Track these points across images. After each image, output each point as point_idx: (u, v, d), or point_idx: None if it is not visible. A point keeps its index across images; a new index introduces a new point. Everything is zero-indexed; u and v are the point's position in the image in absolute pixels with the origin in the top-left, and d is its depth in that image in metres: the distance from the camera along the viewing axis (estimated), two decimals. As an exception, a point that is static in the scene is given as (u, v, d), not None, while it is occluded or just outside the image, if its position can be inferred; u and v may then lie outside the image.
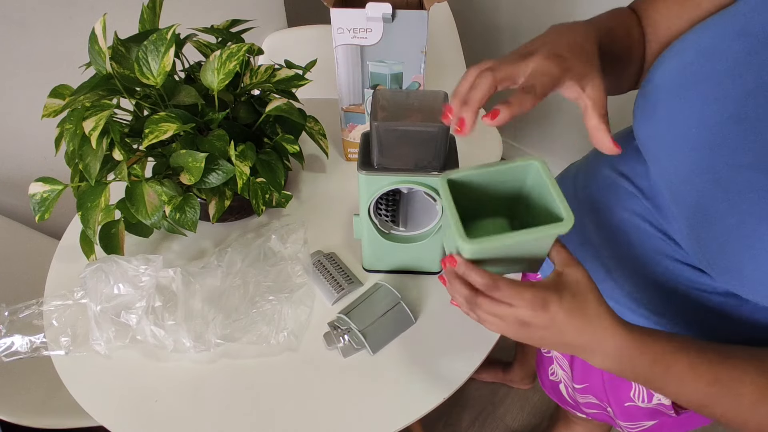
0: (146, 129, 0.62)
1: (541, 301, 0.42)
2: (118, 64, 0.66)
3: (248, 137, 0.75)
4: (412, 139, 0.58)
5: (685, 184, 0.45)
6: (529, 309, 0.42)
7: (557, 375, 0.81)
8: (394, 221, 0.72)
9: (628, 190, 0.56)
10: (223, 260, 0.72)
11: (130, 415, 0.61)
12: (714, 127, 0.42)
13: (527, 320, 0.43)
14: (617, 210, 0.57)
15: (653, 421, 0.69)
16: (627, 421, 0.72)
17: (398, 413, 0.61)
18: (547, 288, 0.43)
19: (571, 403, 0.82)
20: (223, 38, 0.79)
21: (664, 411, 0.65)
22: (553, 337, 0.44)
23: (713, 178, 0.42)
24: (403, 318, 0.68)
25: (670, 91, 0.46)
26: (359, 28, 0.75)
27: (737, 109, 0.41)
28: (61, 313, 0.68)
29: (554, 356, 0.79)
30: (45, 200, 0.66)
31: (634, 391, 0.66)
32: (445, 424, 1.39)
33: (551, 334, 0.44)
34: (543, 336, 0.44)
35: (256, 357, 0.66)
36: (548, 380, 0.85)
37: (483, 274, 0.44)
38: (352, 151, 0.94)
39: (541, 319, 0.42)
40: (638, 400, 0.66)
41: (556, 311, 0.42)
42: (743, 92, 0.41)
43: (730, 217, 0.41)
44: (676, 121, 0.46)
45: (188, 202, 0.69)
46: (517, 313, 0.43)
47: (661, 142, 0.48)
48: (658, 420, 0.68)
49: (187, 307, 0.66)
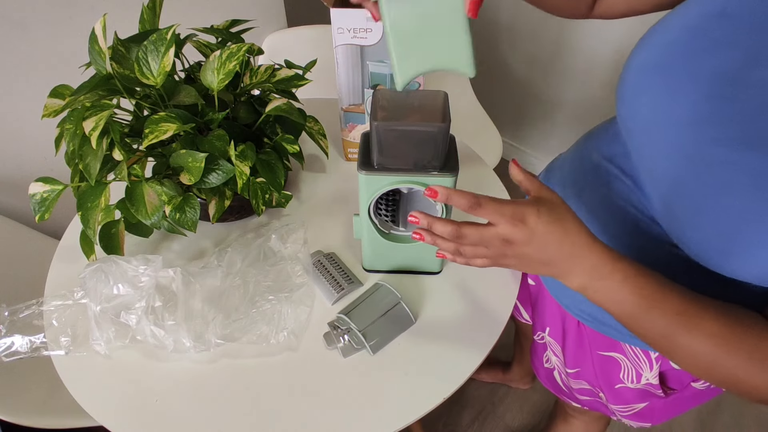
0: (146, 129, 0.63)
1: (520, 215, 0.44)
2: (118, 64, 0.66)
3: (248, 137, 0.75)
4: (412, 139, 0.59)
5: (659, 160, 0.47)
6: (510, 224, 0.44)
7: (551, 362, 0.82)
8: (394, 221, 0.72)
9: (612, 172, 0.57)
10: (223, 260, 0.72)
11: (130, 415, 0.61)
12: (688, 104, 0.43)
13: (509, 237, 0.44)
14: (601, 190, 0.58)
15: (644, 404, 0.70)
16: (619, 404, 0.73)
17: (398, 413, 0.61)
18: (526, 204, 0.45)
19: (565, 391, 0.83)
20: (223, 38, 0.79)
21: (652, 392, 0.66)
22: (536, 253, 0.45)
23: (685, 154, 0.43)
24: (403, 318, 0.68)
25: (655, 67, 0.47)
26: (359, 28, 0.76)
27: (710, 88, 0.42)
28: (61, 313, 0.68)
29: (547, 342, 0.80)
30: (45, 200, 0.66)
31: (623, 372, 0.67)
32: (445, 424, 1.39)
33: (534, 250, 0.45)
34: (526, 252, 0.45)
35: (256, 357, 0.66)
36: (543, 368, 0.85)
37: (466, 195, 0.45)
38: (352, 151, 0.94)
39: (522, 232, 0.44)
40: (628, 381, 0.67)
41: (535, 222, 0.44)
42: (717, 72, 0.42)
43: (698, 192, 0.42)
44: (656, 98, 0.46)
45: (188, 202, 0.69)
46: (498, 231, 0.44)
47: (640, 119, 0.49)
48: (648, 402, 0.70)
49: (187, 307, 0.66)
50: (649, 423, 0.75)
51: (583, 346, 0.71)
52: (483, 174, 0.93)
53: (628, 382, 0.68)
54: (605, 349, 0.68)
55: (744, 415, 1.42)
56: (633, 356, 0.65)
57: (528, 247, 0.45)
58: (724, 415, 1.42)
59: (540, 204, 0.45)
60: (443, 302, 0.72)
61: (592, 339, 0.69)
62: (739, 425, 1.40)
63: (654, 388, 0.66)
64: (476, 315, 0.71)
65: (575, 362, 0.75)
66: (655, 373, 0.64)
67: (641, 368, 0.65)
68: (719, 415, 1.42)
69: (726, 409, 1.43)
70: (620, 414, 0.75)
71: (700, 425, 1.40)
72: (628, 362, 0.66)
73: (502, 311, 0.71)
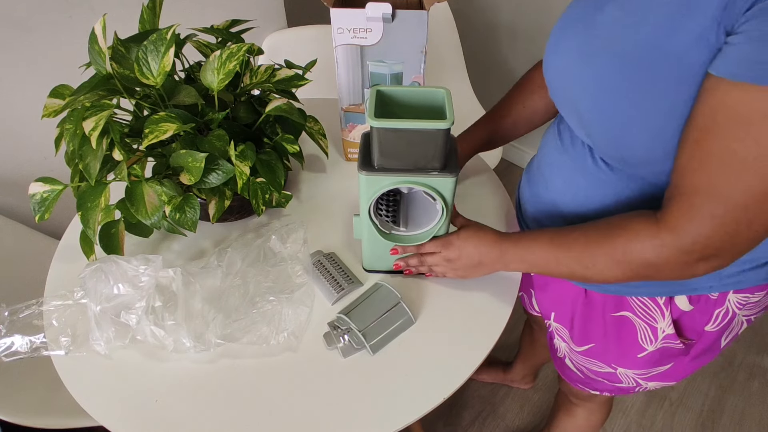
0: (146, 129, 0.62)
1: (448, 242, 0.68)
2: (118, 64, 0.66)
3: (248, 137, 0.75)
4: (412, 139, 0.58)
5: (559, 81, 0.61)
6: (444, 248, 0.68)
7: (561, 349, 0.83)
8: (394, 221, 0.72)
9: (565, 135, 0.67)
10: (223, 260, 0.72)
11: (130, 414, 0.61)
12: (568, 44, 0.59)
13: (447, 257, 0.67)
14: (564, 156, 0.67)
15: (668, 365, 0.72)
16: (641, 369, 0.73)
17: (398, 413, 0.61)
18: (452, 233, 0.69)
19: (581, 378, 0.84)
20: (223, 38, 0.79)
21: (672, 346, 0.68)
22: (468, 261, 0.66)
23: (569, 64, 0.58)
24: (403, 318, 0.68)
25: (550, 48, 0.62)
26: (359, 28, 0.76)
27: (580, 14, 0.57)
28: (61, 313, 0.68)
29: (554, 329, 0.81)
30: (45, 200, 0.66)
31: (639, 334, 0.69)
32: (445, 424, 1.39)
33: (466, 259, 0.66)
34: (462, 264, 0.67)
35: (256, 357, 0.66)
36: (557, 359, 0.87)
37: (411, 248, 0.71)
38: (352, 151, 0.94)
39: (452, 251, 0.67)
40: (646, 343, 0.69)
41: (457, 241, 0.67)
42: (581, 25, 0.56)
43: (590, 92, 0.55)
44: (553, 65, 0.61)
45: (188, 202, 0.69)
46: (442, 255, 0.68)
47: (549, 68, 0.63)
48: (673, 363, 0.71)
49: (187, 307, 0.66)
50: (673, 381, 0.76)
51: (593, 317, 0.72)
52: (483, 174, 0.94)
53: (647, 344, 0.69)
54: (614, 309, 0.69)
55: (744, 418, 1.42)
56: (642, 310, 0.67)
57: (461, 260, 0.67)
58: (724, 418, 1.42)
59: (460, 232, 0.68)
60: (443, 302, 0.72)
61: (601, 303, 0.70)
62: (739, 427, 1.40)
63: (672, 340, 0.67)
64: (476, 315, 0.71)
65: (585, 338, 0.76)
66: (668, 321, 0.65)
67: (654, 320, 0.66)
68: (720, 417, 1.42)
69: (726, 412, 1.43)
70: (640, 379, 0.76)
71: (700, 428, 1.40)
72: (639, 319, 0.68)
73: (502, 311, 0.71)
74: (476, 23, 1.91)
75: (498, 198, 0.89)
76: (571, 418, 1.05)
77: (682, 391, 1.47)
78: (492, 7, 1.84)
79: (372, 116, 0.57)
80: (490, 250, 0.64)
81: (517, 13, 1.79)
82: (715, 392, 1.47)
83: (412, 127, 0.57)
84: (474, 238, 0.66)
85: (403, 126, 0.57)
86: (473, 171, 0.94)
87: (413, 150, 0.60)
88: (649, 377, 0.75)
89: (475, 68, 1.86)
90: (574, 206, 0.65)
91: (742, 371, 1.52)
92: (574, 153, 0.63)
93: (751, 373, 1.51)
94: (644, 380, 0.76)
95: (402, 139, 0.58)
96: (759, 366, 1.53)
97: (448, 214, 0.66)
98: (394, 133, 0.58)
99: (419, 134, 0.58)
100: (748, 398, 1.46)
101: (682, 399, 1.45)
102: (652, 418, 1.41)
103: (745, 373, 1.51)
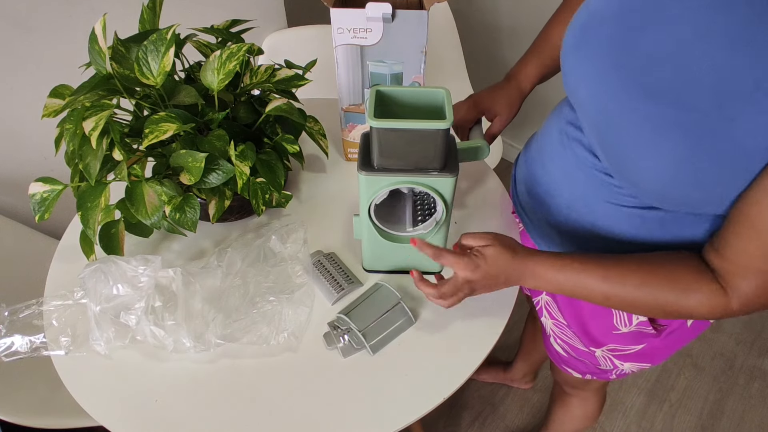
0: (146, 129, 0.62)
1: (473, 265, 0.58)
2: (118, 64, 0.66)
3: (248, 137, 0.75)
4: (412, 139, 0.58)
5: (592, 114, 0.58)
6: (468, 271, 0.58)
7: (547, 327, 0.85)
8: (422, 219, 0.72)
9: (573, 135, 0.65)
10: (223, 260, 0.72)
11: (129, 414, 0.61)
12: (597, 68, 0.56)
13: (469, 278, 0.59)
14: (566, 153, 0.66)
15: (640, 345, 0.73)
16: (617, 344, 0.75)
17: (398, 413, 0.61)
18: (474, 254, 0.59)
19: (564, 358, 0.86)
20: (223, 38, 0.79)
21: (645, 331, 0.70)
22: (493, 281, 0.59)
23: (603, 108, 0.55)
24: (403, 318, 0.68)
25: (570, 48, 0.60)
26: (359, 28, 0.75)
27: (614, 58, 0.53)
28: (61, 313, 0.68)
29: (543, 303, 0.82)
30: (45, 200, 0.66)
31: (615, 318, 0.71)
32: (445, 424, 1.39)
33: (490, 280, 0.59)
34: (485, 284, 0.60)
35: (256, 357, 0.66)
36: (545, 338, 0.88)
37: (431, 246, 0.61)
38: (352, 151, 0.94)
39: (477, 274, 0.59)
40: (621, 325, 0.71)
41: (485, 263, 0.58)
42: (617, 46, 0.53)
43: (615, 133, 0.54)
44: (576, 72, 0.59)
45: (188, 202, 0.69)
46: (461, 277, 0.59)
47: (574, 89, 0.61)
48: (645, 344, 0.73)
49: (187, 307, 0.66)
50: (649, 363, 0.78)
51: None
52: (483, 174, 0.94)
53: (621, 326, 0.71)
54: None
55: (744, 420, 1.41)
56: None
57: (485, 280, 0.59)
58: (724, 420, 1.42)
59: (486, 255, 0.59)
60: (443, 302, 0.72)
61: None
62: (739, 430, 1.40)
63: (645, 326, 0.70)
64: (476, 315, 0.71)
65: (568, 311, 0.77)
66: None
67: None
68: (719, 419, 1.42)
69: (726, 414, 1.43)
70: (615, 358, 0.77)
71: (700, 430, 1.40)
72: None
73: (502, 311, 0.71)
74: (476, 23, 1.91)
75: (498, 198, 0.89)
76: (566, 408, 1.06)
77: (681, 392, 1.47)
78: (492, 7, 1.84)
79: (372, 116, 0.57)
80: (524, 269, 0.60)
81: (517, 13, 1.79)
82: (715, 395, 1.47)
83: (411, 127, 0.57)
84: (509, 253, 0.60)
85: (402, 126, 0.57)
86: (473, 171, 0.94)
87: (413, 150, 0.60)
88: (624, 356, 0.76)
89: (475, 68, 1.86)
90: (569, 196, 0.66)
91: (743, 374, 1.52)
92: (580, 155, 0.63)
93: (752, 375, 1.51)
94: (619, 360, 0.77)
95: (402, 139, 0.58)
96: (759, 368, 1.53)
97: (448, 214, 0.66)
98: (394, 133, 0.58)
99: (419, 134, 0.58)
100: (748, 400, 1.46)
101: (682, 401, 1.45)
102: (652, 420, 1.41)
103: (746, 375, 1.51)
